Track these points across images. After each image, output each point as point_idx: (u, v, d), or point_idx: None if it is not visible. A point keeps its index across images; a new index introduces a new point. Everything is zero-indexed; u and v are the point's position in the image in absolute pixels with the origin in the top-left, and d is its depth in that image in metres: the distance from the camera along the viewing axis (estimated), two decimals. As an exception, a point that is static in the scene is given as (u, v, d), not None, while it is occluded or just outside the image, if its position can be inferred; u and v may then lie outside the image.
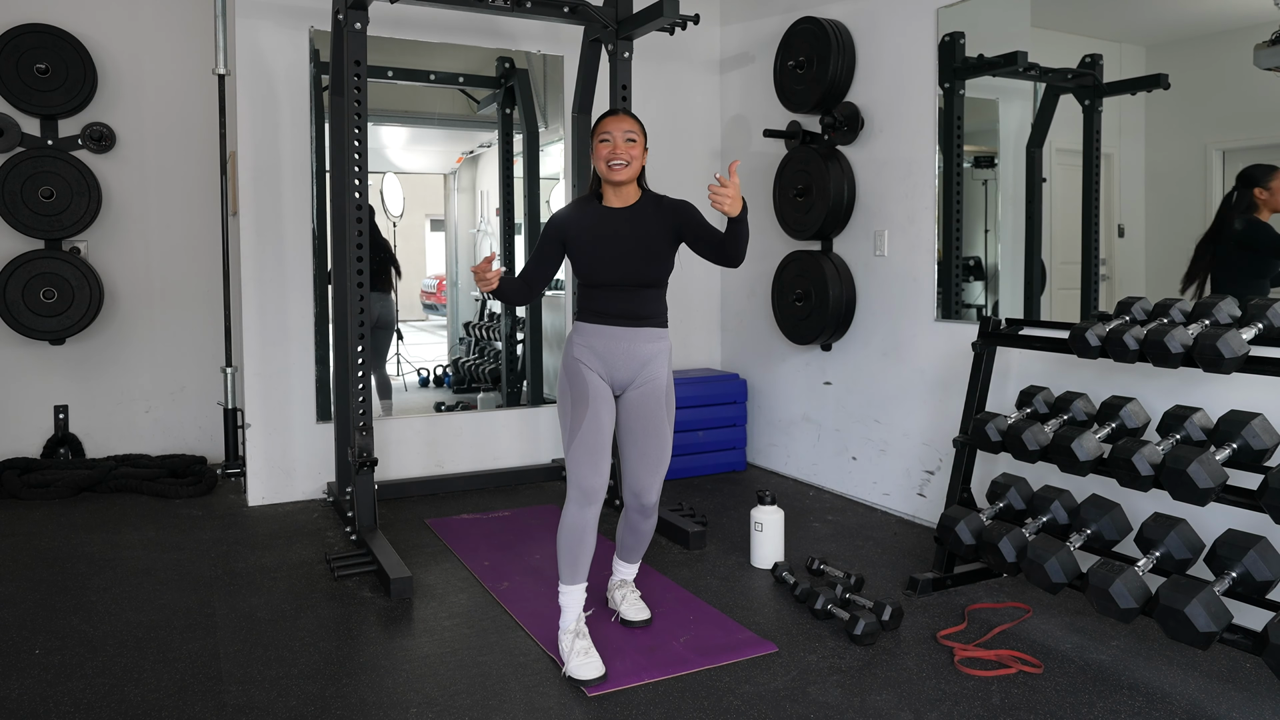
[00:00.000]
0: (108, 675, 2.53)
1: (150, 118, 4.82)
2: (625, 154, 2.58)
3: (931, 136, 3.91)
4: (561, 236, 2.66)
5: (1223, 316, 2.62)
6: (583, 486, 2.57)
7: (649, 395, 2.64)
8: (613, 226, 2.62)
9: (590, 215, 2.65)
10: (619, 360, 2.62)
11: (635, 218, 2.63)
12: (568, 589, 2.61)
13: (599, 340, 2.62)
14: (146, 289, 4.88)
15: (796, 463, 4.77)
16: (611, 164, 2.58)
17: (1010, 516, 3.04)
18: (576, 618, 2.59)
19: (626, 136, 2.58)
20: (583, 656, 2.51)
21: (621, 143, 2.57)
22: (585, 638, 2.56)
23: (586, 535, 2.58)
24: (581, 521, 2.57)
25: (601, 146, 2.59)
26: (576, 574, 2.60)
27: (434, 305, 5.99)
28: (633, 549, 2.87)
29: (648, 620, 2.87)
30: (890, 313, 4.15)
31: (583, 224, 2.65)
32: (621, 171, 2.58)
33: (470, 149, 5.33)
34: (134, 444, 4.87)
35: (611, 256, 2.60)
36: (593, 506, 2.58)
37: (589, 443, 2.56)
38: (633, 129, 2.59)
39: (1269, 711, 2.35)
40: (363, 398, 3.53)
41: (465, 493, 4.49)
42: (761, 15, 4.92)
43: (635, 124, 2.61)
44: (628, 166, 2.58)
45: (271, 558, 3.52)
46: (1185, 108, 3.11)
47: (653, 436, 2.65)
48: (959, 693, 2.44)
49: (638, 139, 2.60)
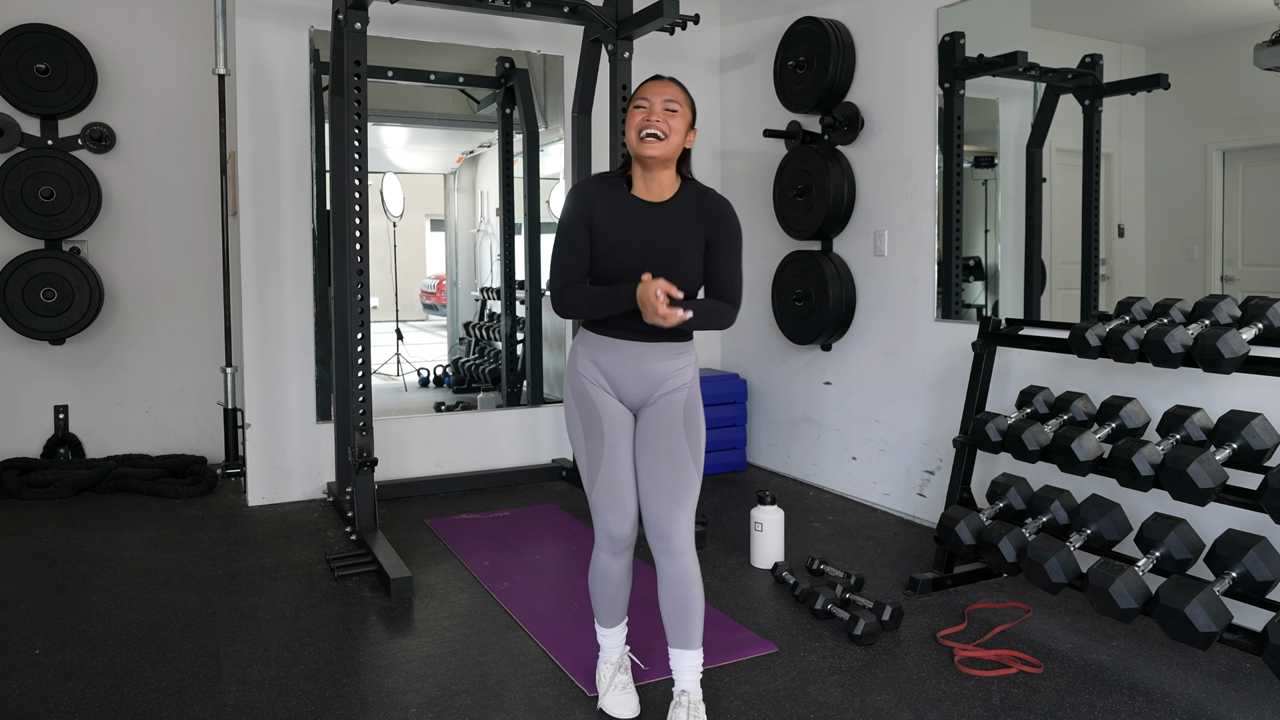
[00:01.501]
0: (108, 675, 2.53)
1: (150, 118, 4.82)
2: (664, 124, 2.11)
3: (931, 136, 3.91)
4: (589, 217, 2.17)
5: (1223, 316, 2.62)
6: (611, 534, 2.20)
7: (663, 413, 2.22)
8: (643, 223, 2.17)
9: (619, 203, 2.18)
10: (627, 380, 2.22)
11: (671, 217, 2.18)
12: (606, 631, 2.35)
13: (604, 356, 2.22)
14: (146, 289, 4.88)
15: (796, 463, 4.77)
16: (644, 134, 2.11)
17: (1010, 516, 3.04)
18: (620, 652, 2.36)
19: (667, 105, 2.12)
20: (619, 692, 2.30)
21: (660, 110, 2.12)
22: (626, 672, 2.34)
23: (622, 582, 2.28)
24: (616, 569, 2.26)
25: (635, 113, 2.14)
26: (613, 617, 2.34)
27: (434, 305, 5.99)
28: (674, 617, 2.18)
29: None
30: (890, 313, 4.15)
31: (610, 211, 2.17)
32: (654, 145, 2.11)
33: (470, 149, 5.33)
34: (134, 444, 4.87)
35: (636, 257, 2.14)
36: (626, 553, 2.25)
37: (610, 484, 2.19)
38: (676, 97, 2.14)
39: (1269, 711, 2.35)
40: (363, 398, 3.53)
41: (465, 493, 4.49)
42: (761, 15, 4.92)
43: (681, 92, 2.16)
44: (663, 141, 2.11)
45: (271, 558, 3.52)
46: (1185, 108, 3.11)
47: (664, 459, 2.18)
48: (959, 693, 2.44)
49: (681, 109, 2.14)
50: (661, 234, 2.17)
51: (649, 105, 2.13)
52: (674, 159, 2.18)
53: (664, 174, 2.19)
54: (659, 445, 2.20)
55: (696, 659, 2.22)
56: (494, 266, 5.19)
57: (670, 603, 2.19)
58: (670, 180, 2.21)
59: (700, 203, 2.20)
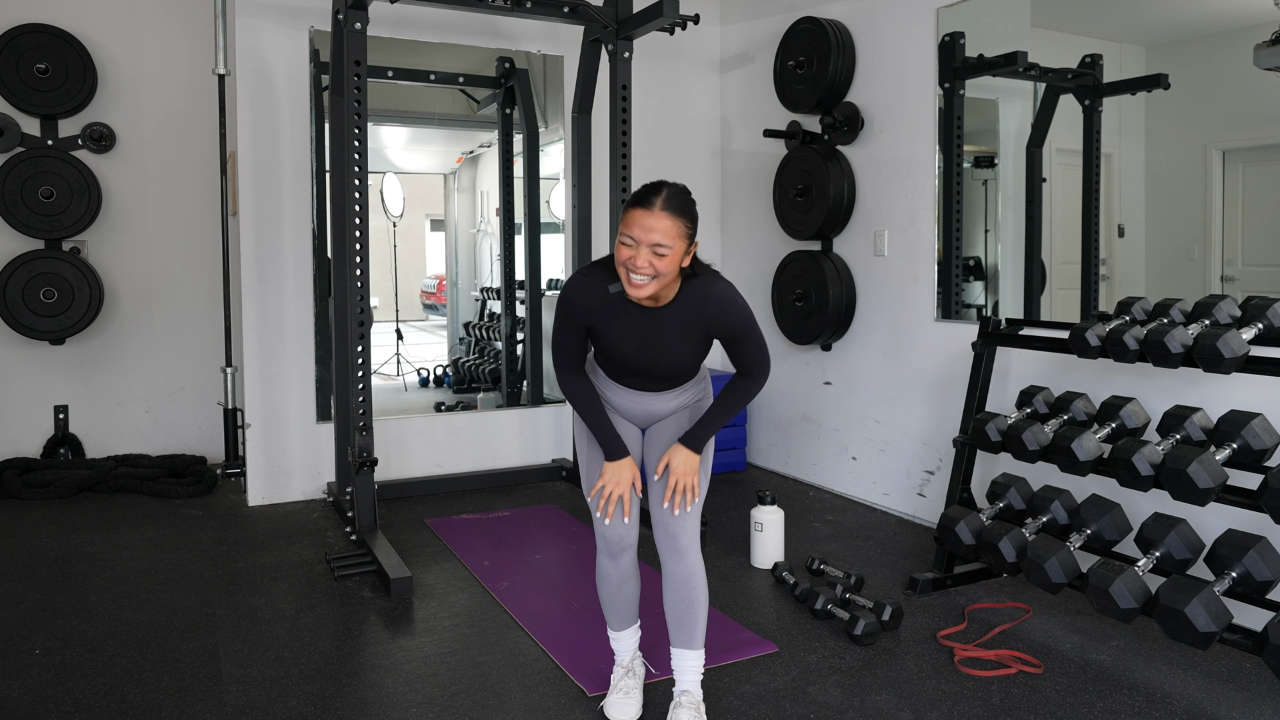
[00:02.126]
0: (108, 675, 2.53)
1: (150, 118, 4.82)
2: (649, 268, 1.95)
3: (931, 136, 3.91)
4: (583, 322, 2.14)
5: (1223, 316, 2.62)
6: (606, 536, 2.24)
7: (670, 427, 2.28)
8: (641, 326, 2.11)
9: (615, 306, 2.09)
10: (635, 416, 2.31)
11: (666, 322, 2.10)
12: (616, 635, 2.38)
13: (612, 394, 2.28)
14: (146, 289, 4.88)
15: (796, 463, 4.77)
16: (631, 277, 1.97)
17: (1010, 516, 3.04)
18: (631, 655, 2.38)
19: (655, 250, 1.94)
20: (622, 695, 2.30)
21: (645, 255, 1.94)
22: (635, 676, 2.35)
23: (625, 583, 2.29)
24: (616, 571, 2.28)
25: (622, 249, 1.98)
26: (622, 621, 2.35)
27: (434, 305, 5.99)
28: (678, 617, 2.22)
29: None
30: (890, 313, 4.15)
31: (605, 315, 2.11)
32: (642, 288, 1.98)
33: (470, 149, 5.33)
34: (134, 444, 4.87)
35: (636, 356, 2.15)
36: (624, 555, 2.26)
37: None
38: (665, 239, 1.93)
39: (1269, 711, 2.35)
40: (363, 398, 3.53)
41: (465, 493, 4.49)
42: (761, 15, 4.92)
43: (672, 226, 1.95)
44: (654, 280, 1.97)
45: (271, 558, 3.52)
46: (1185, 108, 3.11)
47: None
48: (959, 693, 2.44)
49: (671, 250, 1.95)
50: (659, 337, 2.11)
51: (635, 246, 1.95)
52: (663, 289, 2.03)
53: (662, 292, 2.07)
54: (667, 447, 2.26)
55: (698, 659, 2.24)
56: (494, 266, 5.19)
57: (674, 602, 2.21)
58: (671, 289, 2.07)
59: (703, 307, 2.08)
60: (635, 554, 2.28)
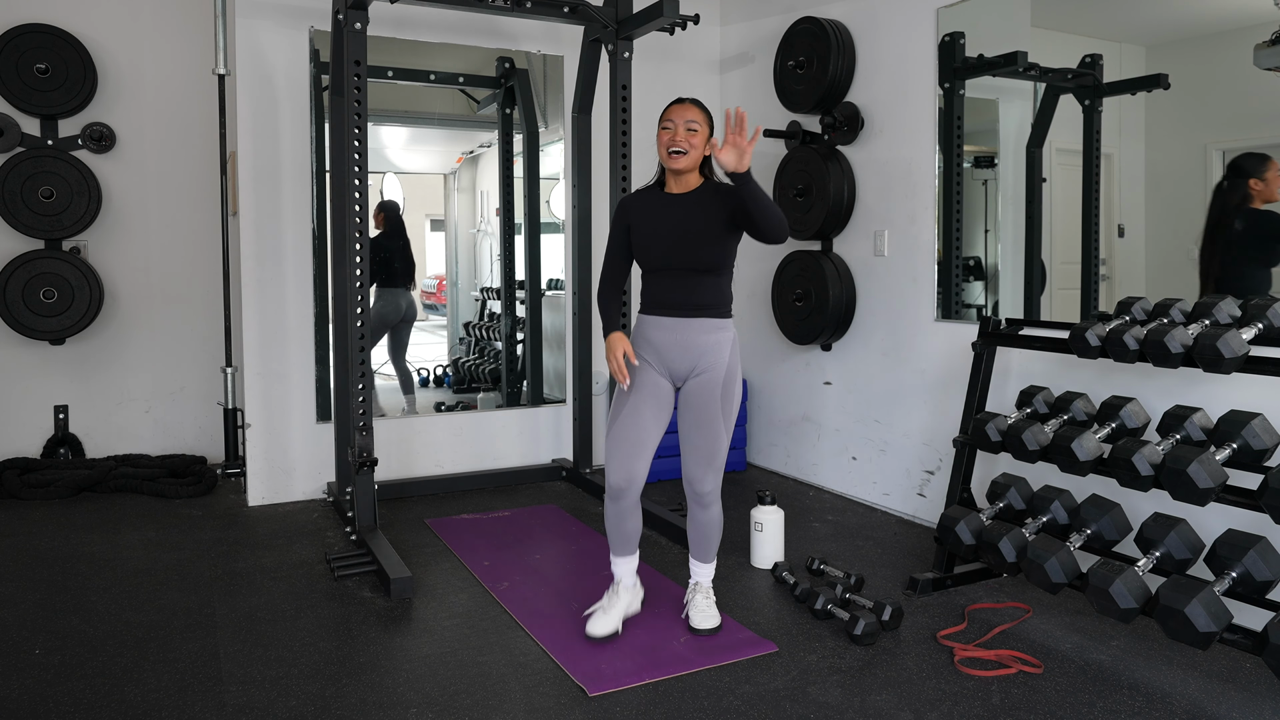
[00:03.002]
0: (108, 675, 2.53)
1: (150, 118, 4.82)
2: (685, 142, 2.63)
3: (931, 136, 3.91)
4: (626, 220, 2.75)
5: (1223, 316, 2.62)
6: (610, 481, 2.69)
7: (704, 386, 2.68)
8: (670, 211, 2.69)
9: (652, 200, 2.73)
10: (673, 352, 2.69)
11: (693, 203, 2.68)
12: (616, 559, 2.81)
13: (654, 331, 2.71)
14: (146, 289, 4.88)
15: (796, 463, 4.77)
16: (671, 150, 2.64)
17: (1010, 516, 3.04)
18: (631, 580, 2.81)
19: (688, 125, 2.63)
20: (601, 613, 2.75)
21: (683, 130, 2.63)
22: (616, 594, 2.79)
23: (625, 519, 2.73)
24: (616, 510, 2.72)
25: (663, 133, 2.66)
26: (622, 548, 2.78)
27: (434, 305, 5.99)
28: (697, 543, 2.84)
29: (715, 628, 2.79)
30: (890, 313, 4.15)
31: (644, 208, 2.73)
32: (680, 160, 2.63)
33: (470, 149, 5.33)
34: (134, 444, 4.87)
35: (667, 240, 2.66)
36: (624, 498, 2.69)
37: (620, 435, 2.68)
38: (695, 118, 2.64)
39: (1269, 711, 2.35)
40: (363, 398, 3.53)
41: (465, 493, 4.49)
42: (761, 15, 4.92)
43: (700, 113, 2.65)
44: (687, 155, 2.63)
45: (271, 558, 3.52)
46: (1185, 108, 3.11)
47: (703, 428, 2.69)
48: (959, 693, 2.44)
49: (700, 128, 2.64)
50: (690, 214, 2.67)
51: (674, 126, 2.63)
52: (697, 166, 2.69)
53: (689, 176, 2.71)
54: (698, 415, 2.69)
55: (711, 567, 2.89)
56: (494, 266, 5.19)
57: (697, 534, 2.83)
58: (695, 179, 2.72)
59: (718, 190, 2.68)
60: (635, 499, 2.71)
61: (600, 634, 2.71)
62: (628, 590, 2.83)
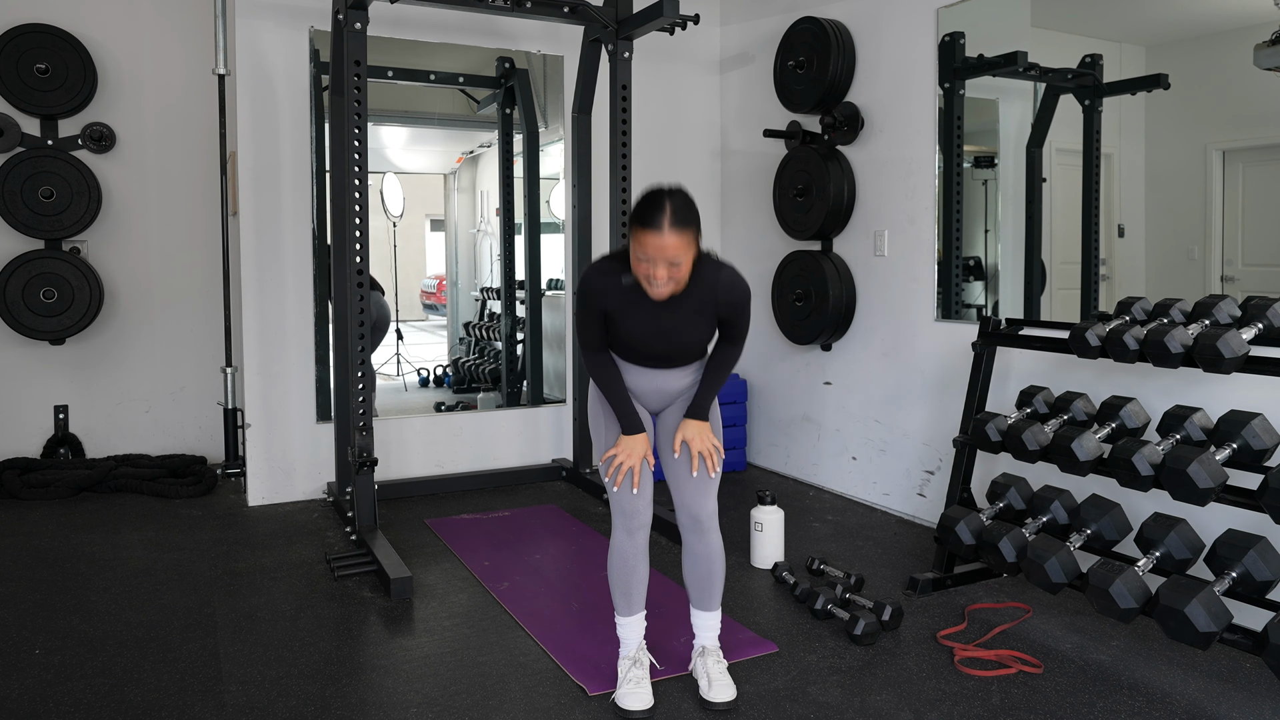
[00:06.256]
0: (108, 675, 2.53)
1: (150, 118, 4.82)
2: (666, 280, 2.19)
3: (931, 136, 3.91)
4: (601, 308, 2.33)
5: (1223, 316, 2.62)
6: (624, 509, 2.37)
7: (678, 410, 2.47)
8: (652, 316, 2.31)
9: (626, 298, 2.30)
10: (651, 397, 2.47)
11: (678, 307, 2.30)
12: (624, 621, 2.44)
13: (628, 375, 2.45)
14: (146, 289, 4.88)
15: (796, 463, 4.77)
16: (652, 285, 2.21)
17: (1010, 516, 3.04)
18: (637, 646, 2.43)
19: (671, 263, 2.16)
20: (633, 685, 2.35)
21: (664, 270, 2.17)
22: (643, 667, 2.40)
23: (638, 563, 2.40)
24: (630, 547, 2.38)
25: (640, 264, 2.19)
26: (631, 605, 2.42)
27: (434, 305, 5.99)
28: (699, 585, 2.44)
29: (731, 701, 2.36)
30: (890, 313, 4.15)
31: (625, 306, 2.31)
32: (664, 291, 2.22)
33: (470, 149, 5.34)
34: (134, 444, 4.87)
35: (653, 340, 2.35)
36: (640, 531, 2.38)
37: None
38: (677, 255, 2.15)
39: (1269, 711, 2.35)
40: (363, 398, 3.53)
41: (465, 493, 4.49)
42: (761, 15, 4.92)
43: (680, 242, 2.14)
44: (670, 285, 2.21)
45: (271, 558, 3.52)
46: (1185, 108, 3.11)
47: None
48: (959, 693, 2.44)
49: (684, 261, 2.18)
50: (673, 321, 2.33)
51: (652, 263, 2.15)
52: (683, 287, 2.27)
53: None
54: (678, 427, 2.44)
55: (717, 618, 2.48)
56: (494, 266, 5.19)
57: (696, 573, 2.44)
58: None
59: (712, 290, 2.29)
60: (648, 534, 2.41)
61: (642, 708, 2.32)
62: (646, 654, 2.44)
